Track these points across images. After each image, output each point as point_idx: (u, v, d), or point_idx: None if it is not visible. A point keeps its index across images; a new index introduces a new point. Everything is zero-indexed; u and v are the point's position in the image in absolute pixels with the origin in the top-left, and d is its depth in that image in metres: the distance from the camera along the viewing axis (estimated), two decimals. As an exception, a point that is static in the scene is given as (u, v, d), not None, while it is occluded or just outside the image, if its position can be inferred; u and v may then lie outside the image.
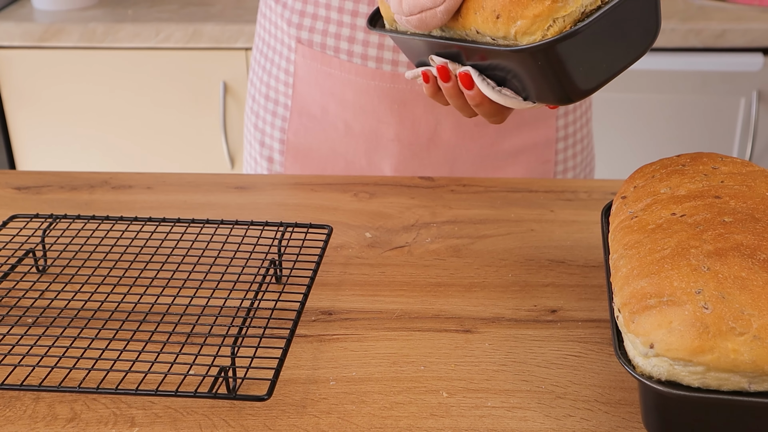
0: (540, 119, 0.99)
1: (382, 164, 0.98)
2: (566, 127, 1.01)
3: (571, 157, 1.03)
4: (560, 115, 1.00)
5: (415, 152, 0.97)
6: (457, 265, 0.77)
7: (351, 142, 0.98)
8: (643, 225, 0.59)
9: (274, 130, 1.02)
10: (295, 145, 1.00)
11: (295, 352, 0.66)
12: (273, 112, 1.02)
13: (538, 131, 0.99)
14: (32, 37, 1.81)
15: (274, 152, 1.02)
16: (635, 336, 0.52)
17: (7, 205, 0.89)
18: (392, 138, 0.96)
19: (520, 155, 0.99)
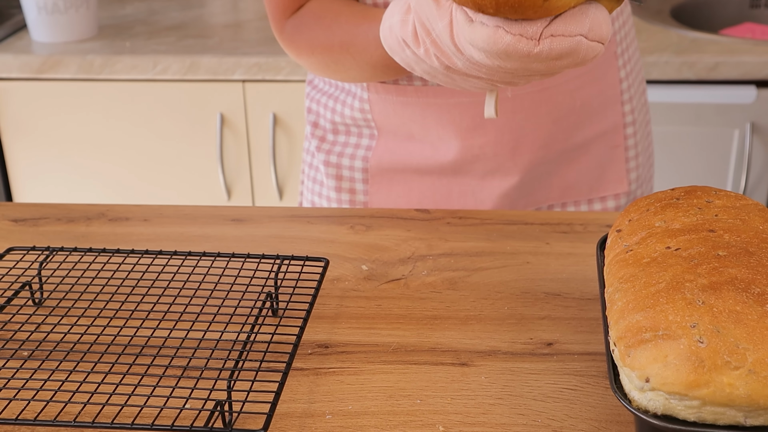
0: (608, 107, 1.02)
1: (468, 178, 1.00)
2: (633, 112, 1.04)
3: (640, 141, 1.06)
4: (626, 101, 1.03)
5: (500, 163, 0.99)
6: (453, 298, 0.77)
7: (436, 163, 0.99)
8: (638, 258, 0.60)
9: (354, 161, 1.02)
10: (378, 171, 1.01)
11: (291, 386, 0.66)
12: (355, 144, 1.02)
13: (607, 118, 1.02)
14: (30, 69, 1.82)
15: (355, 183, 1.03)
16: (631, 370, 0.52)
17: (4, 237, 0.89)
18: (477, 153, 0.98)
19: (591, 144, 1.02)
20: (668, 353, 0.51)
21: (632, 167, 1.06)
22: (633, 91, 1.05)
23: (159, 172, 1.92)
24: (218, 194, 1.92)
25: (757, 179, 1.81)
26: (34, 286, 0.78)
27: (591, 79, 1.00)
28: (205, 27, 1.96)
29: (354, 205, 1.03)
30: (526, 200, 1.01)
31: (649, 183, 1.13)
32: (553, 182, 1.02)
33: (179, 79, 1.82)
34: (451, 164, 0.99)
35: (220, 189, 1.91)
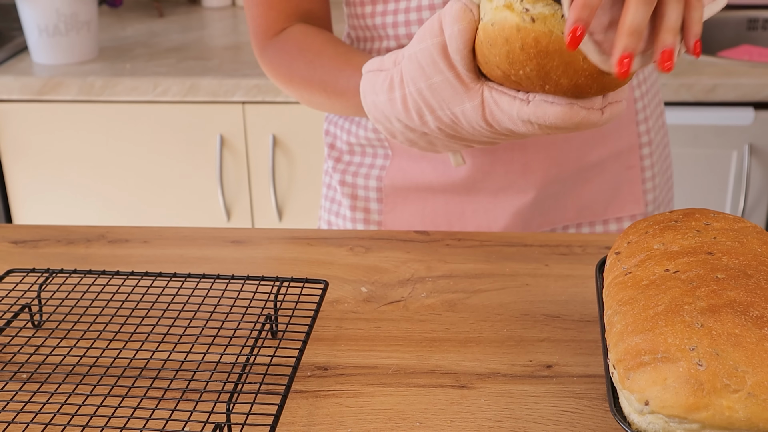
0: (622, 127, 1.01)
1: (481, 195, 1.00)
2: (648, 133, 1.04)
3: (656, 161, 1.06)
4: (641, 121, 1.02)
5: (511, 180, 0.98)
6: (452, 320, 0.78)
7: (449, 181, 0.99)
8: (636, 281, 0.60)
9: (368, 181, 1.03)
10: (392, 190, 1.02)
11: (290, 408, 0.66)
12: (370, 164, 1.03)
13: (621, 139, 1.02)
14: (31, 91, 1.83)
15: (370, 202, 1.03)
16: (630, 392, 0.52)
17: (4, 259, 0.89)
18: (488, 170, 0.98)
19: (606, 164, 1.02)
20: (667, 376, 0.51)
21: (649, 188, 1.05)
22: (649, 112, 1.04)
23: (159, 193, 1.92)
24: (218, 215, 1.92)
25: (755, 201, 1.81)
26: (33, 308, 0.78)
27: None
28: (205, 49, 1.97)
29: (368, 225, 1.04)
30: (541, 220, 1.01)
31: (668, 205, 1.12)
32: (568, 202, 1.02)
33: (179, 101, 1.82)
34: (463, 182, 0.99)
35: (220, 210, 1.92)
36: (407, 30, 0.94)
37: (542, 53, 0.64)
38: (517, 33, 0.64)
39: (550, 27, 0.63)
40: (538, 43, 0.64)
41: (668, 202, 1.12)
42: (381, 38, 0.97)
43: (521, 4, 0.64)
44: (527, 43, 0.64)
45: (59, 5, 1.83)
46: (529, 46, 0.64)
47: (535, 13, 0.63)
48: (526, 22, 0.64)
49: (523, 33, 0.64)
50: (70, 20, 1.85)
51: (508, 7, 0.65)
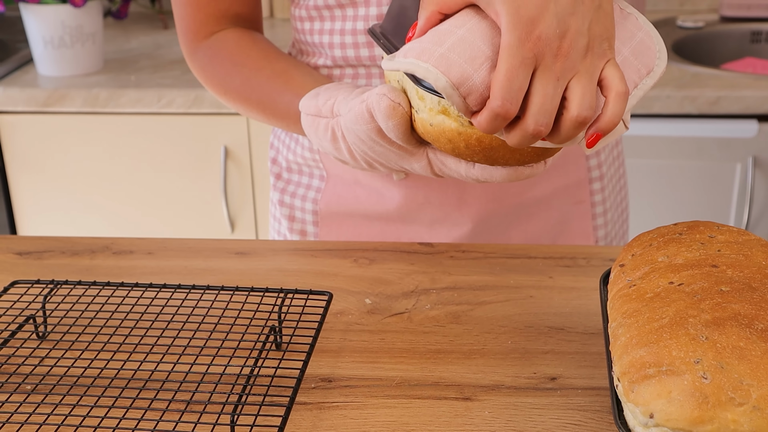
0: (569, 162, 1.00)
1: (416, 225, 0.99)
2: (600, 167, 1.02)
3: (608, 197, 1.04)
4: (591, 155, 1.01)
5: (447, 213, 0.97)
6: (456, 332, 0.77)
7: (383, 209, 0.98)
8: (641, 293, 0.60)
9: (305, 203, 1.02)
10: (327, 214, 1.01)
11: (294, 420, 0.66)
12: (306, 185, 1.02)
13: (568, 175, 1.00)
14: (36, 103, 1.83)
15: (306, 224, 1.02)
16: (635, 405, 0.52)
17: (9, 271, 0.90)
18: (422, 201, 0.97)
19: (553, 199, 1.00)
20: (672, 389, 0.51)
21: (600, 224, 1.03)
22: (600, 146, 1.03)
23: (163, 204, 1.93)
24: (222, 227, 1.92)
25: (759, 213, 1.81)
26: (38, 319, 0.78)
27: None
28: (210, 61, 1.98)
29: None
30: None
31: (621, 239, 1.10)
32: (512, 235, 1.00)
33: (184, 113, 1.83)
34: (397, 211, 0.98)
35: (224, 221, 1.92)
36: (342, 52, 0.92)
37: (487, 149, 0.66)
38: (459, 136, 0.66)
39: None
40: (481, 142, 0.65)
41: (621, 235, 1.11)
42: (318, 54, 0.95)
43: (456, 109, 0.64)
44: (471, 144, 0.66)
45: (65, 17, 1.84)
46: (473, 146, 0.66)
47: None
48: (465, 126, 0.65)
49: (465, 135, 0.65)
50: (75, 32, 1.86)
51: (443, 113, 0.66)
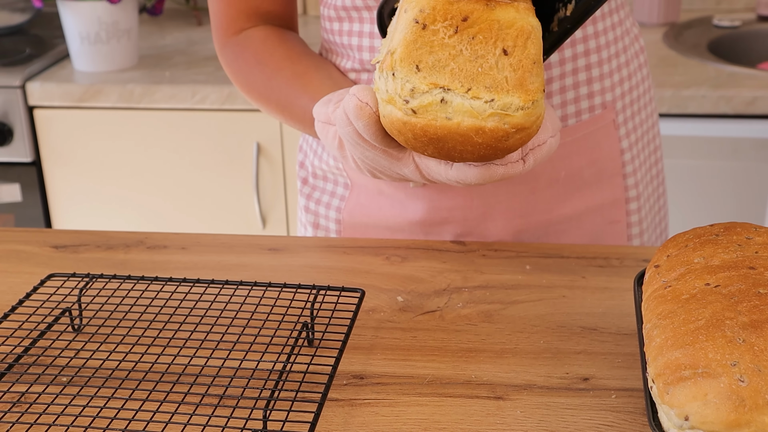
0: (604, 179, 0.97)
1: (440, 238, 0.97)
2: (637, 186, 0.98)
3: (645, 217, 1.00)
4: (628, 174, 0.98)
5: (471, 228, 0.96)
6: (488, 331, 0.77)
7: (406, 221, 0.97)
8: (676, 295, 0.59)
9: (329, 211, 1.01)
10: (350, 224, 0.99)
11: (326, 417, 0.66)
12: (331, 192, 1.01)
13: (603, 192, 0.97)
14: (72, 98, 1.85)
15: (330, 233, 1.01)
16: (670, 407, 0.52)
17: (45, 264, 0.91)
18: (446, 215, 0.95)
19: (584, 217, 0.97)
20: (708, 391, 0.50)
21: (636, 245, 0.99)
22: (638, 163, 0.99)
23: (195, 200, 1.94)
24: (254, 223, 1.93)
25: (795, 215, 1.79)
26: (74, 312, 0.79)
27: (579, 150, 0.95)
28: (244, 57, 1.99)
29: None
30: None
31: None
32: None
33: (217, 109, 1.84)
34: (420, 224, 0.96)
35: (256, 218, 1.93)
36: (370, 55, 0.92)
37: (435, 140, 0.64)
38: (405, 126, 0.65)
39: (433, 115, 0.63)
40: (426, 132, 0.64)
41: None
42: (346, 57, 0.95)
43: (401, 98, 0.64)
44: (417, 134, 0.64)
45: (101, 13, 1.86)
46: (420, 136, 0.65)
47: (415, 105, 0.63)
48: (409, 116, 0.64)
49: (410, 126, 0.64)
50: (111, 28, 1.88)
51: (390, 102, 0.65)
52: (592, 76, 0.93)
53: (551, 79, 0.91)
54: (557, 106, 0.92)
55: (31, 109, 1.89)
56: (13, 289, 0.85)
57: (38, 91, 1.86)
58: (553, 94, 0.91)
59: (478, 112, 0.62)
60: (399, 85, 0.64)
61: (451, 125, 0.63)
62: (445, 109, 0.63)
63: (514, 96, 0.62)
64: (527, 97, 0.62)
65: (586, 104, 0.93)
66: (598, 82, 0.94)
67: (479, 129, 0.63)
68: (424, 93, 0.63)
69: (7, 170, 1.94)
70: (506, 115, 0.62)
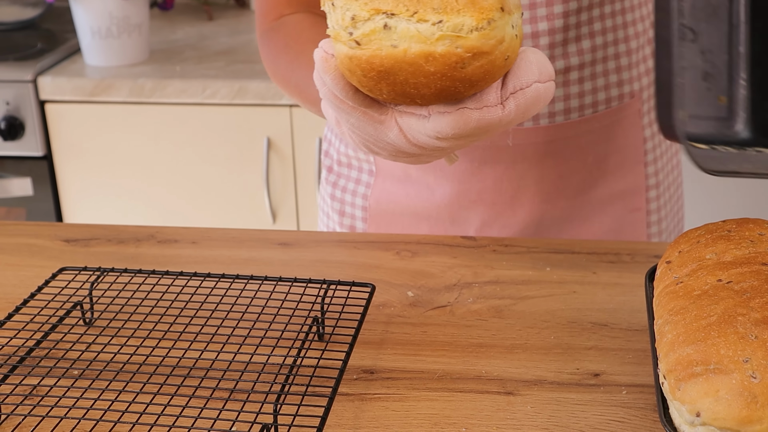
0: (627, 167, 0.98)
1: (465, 226, 0.97)
2: (657, 174, 1.00)
3: (663, 205, 1.01)
4: (649, 162, 0.99)
5: (499, 212, 0.96)
6: (499, 326, 0.77)
7: (434, 206, 0.97)
8: (688, 291, 0.59)
9: (355, 198, 1.01)
10: (377, 211, 1.00)
11: (336, 411, 0.66)
12: (356, 179, 1.01)
13: (625, 179, 0.98)
14: (83, 92, 1.86)
15: (356, 220, 1.02)
16: (681, 404, 0.52)
17: (56, 257, 0.91)
18: (474, 199, 0.95)
19: (607, 205, 0.98)
20: (720, 388, 0.50)
21: (654, 232, 1.01)
22: (659, 152, 1.00)
23: (205, 194, 1.94)
24: (264, 218, 1.94)
25: (807, 211, 1.78)
26: (85, 306, 0.79)
27: (606, 136, 0.96)
28: (254, 52, 1.99)
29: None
30: None
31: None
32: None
33: (227, 104, 1.84)
34: (447, 208, 0.96)
35: (266, 212, 1.93)
36: None
37: (384, 74, 0.58)
38: (351, 62, 0.59)
39: (377, 44, 0.58)
40: (373, 66, 0.58)
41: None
42: None
43: (345, 30, 0.58)
44: (365, 69, 0.59)
45: (112, 8, 1.86)
46: (368, 71, 0.59)
47: (358, 36, 0.58)
48: (354, 49, 0.58)
49: (356, 60, 0.59)
50: (122, 23, 1.88)
51: (336, 38, 0.60)
52: (621, 65, 0.95)
53: (583, 64, 0.92)
54: (588, 92, 0.93)
55: (43, 103, 1.89)
56: (25, 283, 0.86)
57: (50, 86, 1.86)
58: (584, 80, 0.93)
59: (425, 36, 0.56)
60: (340, 16, 0.59)
61: (398, 53, 0.57)
62: (389, 36, 0.57)
63: (465, 15, 0.56)
64: (480, 15, 0.56)
65: (616, 92, 0.95)
66: (627, 71, 0.96)
67: (428, 55, 0.57)
68: (366, 21, 0.58)
69: (18, 164, 1.94)
70: (458, 38, 0.56)
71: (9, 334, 0.74)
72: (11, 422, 0.64)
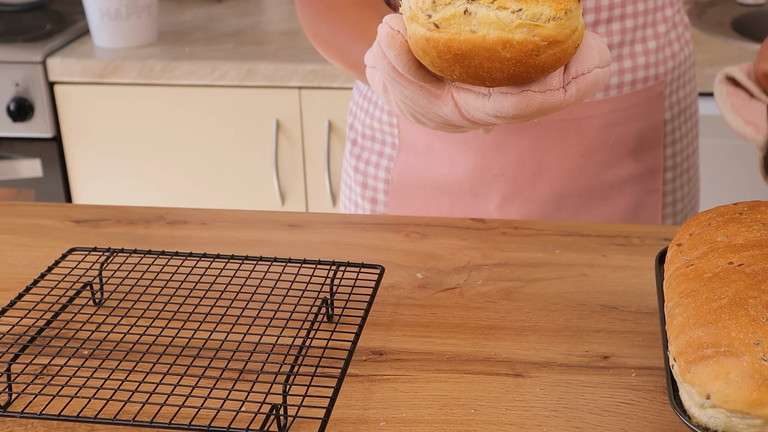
0: (646, 148, 0.99)
1: (486, 201, 0.98)
2: (674, 156, 1.01)
3: (679, 187, 1.03)
4: (668, 144, 1.00)
5: (520, 188, 0.97)
6: (508, 308, 0.77)
7: (456, 180, 0.98)
8: (699, 273, 0.59)
9: (378, 171, 1.02)
10: (399, 184, 1.01)
11: (345, 392, 0.66)
12: (379, 152, 1.02)
13: (645, 160, 0.99)
14: (92, 74, 1.86)
15: (378, 193, 1.03)
16: (691, 386, 0.52)
17: (66, 238, 0.91)
18: (497, 174, 0.96)
19: (626, 185, 0.99)
20: (730, 370, 0.50)
21: (668, 213, 1.02)
22: (678, 135, 1.01)
23: (214, 176, 1.94)
24: (272, 200, 1.94)
25: (818, 195, 1.77)
26: (95, 286, 0.79)
27: (629, 117, 0.97)
28: (263, 34, 1.99)
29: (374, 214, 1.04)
30: None
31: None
32: (582, 220, 0.99)
33: (236, 85, 1.84)
34: (469, 182, 0.97)
35: (275, 194, 1.93)
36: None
37: (459, 57, 0.60)
38: (428, 43, 0.61)
39: (456, 29, 0.59)
40: (450, 49, 0.60)
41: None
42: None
43: (423, 12, 0.60)
44: (441, 51, 0.60)
45: (121, -11, 1.86)
46: (444, 53, 0.60)
47: (437, 19, 0.59)
48: (432, 31, 0.60)
49: (433, 42, 0.60)
50: (131, 4, 1.88)
51: (413, 19, 0.61)
52: (648, 48, 0.96)
53: (611, 45, 0.93)
54: (614, 73, 0.94)
55: (52, 84, 1.89)
56: (35, 263, 0.86)
57: (59, 67, 1.86)
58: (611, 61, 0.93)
59: (504, 23, 0.58)
60: None
61: (476, 39, 0.59)
62: (469, 21, 0.59)
63: (544, 5, 0.58)
64: (559, 6, 0.58)
65: (642, 74, 0.96)
66: (654, 54, 0.97)
67: (506, 42, 0.58)
68: (447, 5, 0.59)
69: (28, 145, 1.95)
70: (536, 26, 0.58)
71: (19, 313, 0.74)
72: (22, 401, 0.65)
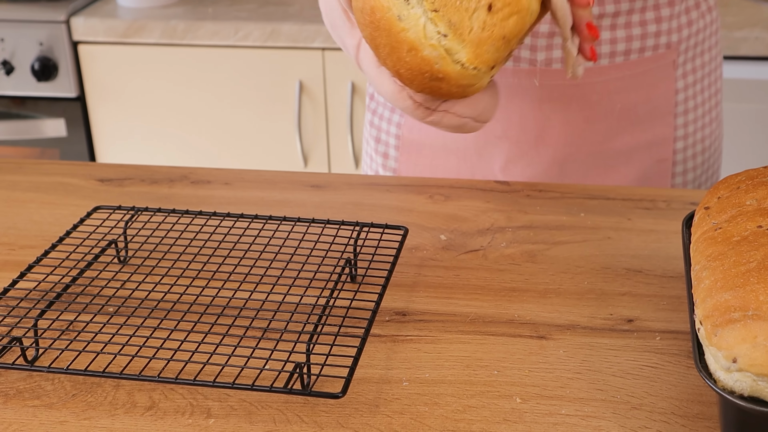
0: (656, 117, 0.97)
1: (491, 162, 0.98)
2: (686, 126, 0.99)
3: (691, 157, 1.01)
4: (679, 113, 0.98)
5: (523, 150, 0.96)
6: (532, 271, 0.77)
7: (461, 139, 0.98)
8: (727, 237, 0.58)
9: (390, 126, 1.03)
10: (409, 140, 1.01)
11: (369, 352, 0.66)
12: (392, 108, 1.03)
13: (654, 129, 0.98)
14: (115, 33, 1.85)
15: (389, 148, 1.03)
16: (717, 349, 0.51)
17: (90, 197, 0.91)
18: (500, 135, 0.96)
19: (634, 154, 0.98)
20: (758, 334, 0.49)
21: (678, 183, 1.00)
22: (692, 104, 0.99)
23: (237, 137, 1.94)
24: (295, 161, 1.94)
25: None
26: (119, 244, 0.79)
27: (636, 85, 0.95)
28: (286, -6, 1.97)
29: (386, 170, 1.04)
30: None
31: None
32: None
33: (260, 46, 1.83)
34: (474, 143, 0.97)
35: (297, 156, 1.93)
36: None
37: (374, 25, 0.62)
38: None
39: (390, 4, 0.61)
40: (374, 12, 0.61)
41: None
42: None
43: None
44: (365, 9, 0.62)
45: (144, -52, 1.85)
46: (365, 12, 0.62)
47: None
48: None
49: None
50: (154, -37, 1.87)
51: None
52: (661, 16, 0.94)
53: (618, 12, 0.91)
54: (621, 40, 0.92)
55: (76, 44, 1.89)
56: (60, 221, 0.86)
57: (82, 27, 1.86)
58: (616, 27, 0.92)
59: (425, 34, 0.60)
60: None
61: (396, 26, 0.61)
62: (403, 9, 0.61)
63: (465, 49, 0.60)
64: (476, 59, 0.60)
65: (652, 42, 0.94)
66: (667, 22, 0.94)
67: (414, 49, 0.61)
68: None
69: (52, 105, 1.95)
70: (444, 58, 0.60)
71: (45, 270, 0.75)
72: (49, 356, 0.65)
